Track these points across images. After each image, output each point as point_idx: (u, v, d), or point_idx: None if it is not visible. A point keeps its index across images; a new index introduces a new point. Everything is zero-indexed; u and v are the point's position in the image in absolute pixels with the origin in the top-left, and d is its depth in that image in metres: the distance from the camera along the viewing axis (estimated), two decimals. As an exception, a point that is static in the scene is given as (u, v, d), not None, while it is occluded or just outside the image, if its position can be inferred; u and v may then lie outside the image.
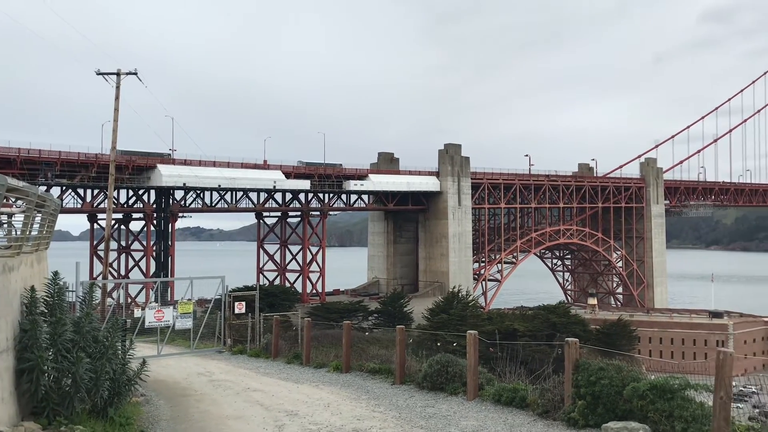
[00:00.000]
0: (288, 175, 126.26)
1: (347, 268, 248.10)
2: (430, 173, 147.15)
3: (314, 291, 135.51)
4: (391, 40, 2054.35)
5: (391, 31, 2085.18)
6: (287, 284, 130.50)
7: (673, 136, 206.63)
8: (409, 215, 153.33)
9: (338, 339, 29.51)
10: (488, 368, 21.40)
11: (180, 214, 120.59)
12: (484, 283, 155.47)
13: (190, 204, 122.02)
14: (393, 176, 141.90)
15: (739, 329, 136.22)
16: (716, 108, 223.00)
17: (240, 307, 40.19)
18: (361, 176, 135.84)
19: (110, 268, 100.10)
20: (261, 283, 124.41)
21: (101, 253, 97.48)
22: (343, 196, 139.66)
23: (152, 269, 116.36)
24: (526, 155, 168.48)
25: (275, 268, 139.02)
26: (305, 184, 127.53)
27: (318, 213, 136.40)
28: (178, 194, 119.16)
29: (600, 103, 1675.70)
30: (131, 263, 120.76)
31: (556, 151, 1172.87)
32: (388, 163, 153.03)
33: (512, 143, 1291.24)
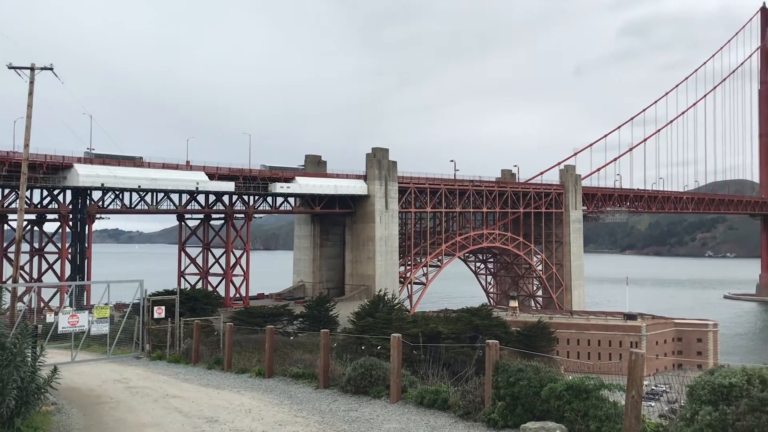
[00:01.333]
0: (212, 177, 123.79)
1: (272, 272, 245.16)
2: (357, 177, 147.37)
3: (238, 295, 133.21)
4: (322, 42, 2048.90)
5: (322, 34, 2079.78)
6: (210, 288, 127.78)
7: (591, 145, 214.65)
8: (336, 218, 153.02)
9: (261, 344, 29.08)
10: (412, 371, 21.52)
11: (97, 216, 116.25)
12: (409, 286, 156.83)
13: (108, 205, 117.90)
14: (320, 179, 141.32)
15: (651, 330, 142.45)
16: (632, 118, 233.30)
17: (159, 312, 39.03)
18: (287, 179, 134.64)
19: (21, 272, 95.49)
20: (182, 287, 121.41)
21: (12, 256, 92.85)
22: (269, 199, 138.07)
23: (67, 272, 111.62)
24: (452, 161, 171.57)
25: (197, 271, 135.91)
26: (229, 185, 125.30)
27: (242, 215, 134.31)
28: (96, 195, 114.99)
29: (523, 112, 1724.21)
30: (45, 266, 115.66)
31: (480, 157, 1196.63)
32: (315, 165, 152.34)
33: (439, 148, 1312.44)
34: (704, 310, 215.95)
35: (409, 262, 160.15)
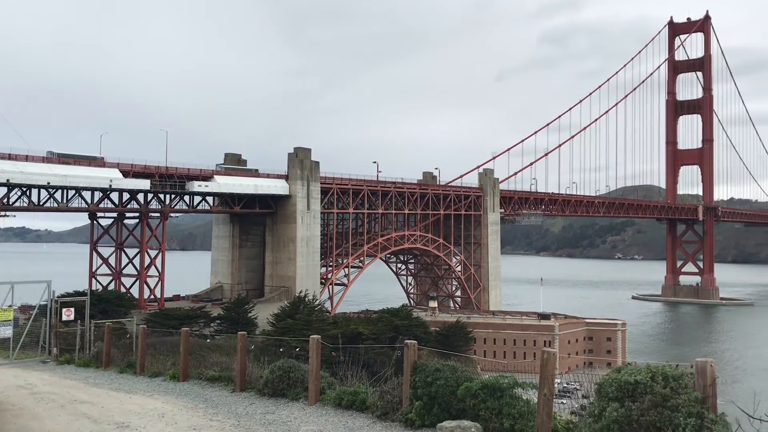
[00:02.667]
0: (126, 174, 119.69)
1: (189, 273, 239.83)
2: (279, 176, 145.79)
3: (152, 297, 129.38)
4: (247, 40, 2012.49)
5: (248, 32, 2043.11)
6: (123, 290, 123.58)
7: (509, 149, 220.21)
8: (256, 218, 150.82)
9: (177, 346, 28.31)
10: (331, 372, 21.45)
11: (2, 213, 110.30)
12: (331, 287, 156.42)
13: (14, 202, 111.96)
14: (240, 178, 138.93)
15: (564, 330, 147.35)
16: (547, 124, 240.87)
17: (68, 314, 37.30)
18: (205, 177, 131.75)
19: None
20: (93, 288, 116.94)
21: None
22: (186, 198, 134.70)
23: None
24: (375, 162, 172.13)
25: (110, 272, 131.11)
26: (144, 183, 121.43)
27: (158, 215, 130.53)
28: (1, 191, 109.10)
29: (445, 115, 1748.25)
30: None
31: (403, 159, 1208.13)
32: (235, 164, 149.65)
33: (362, 150, 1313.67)
34: (614, 309, 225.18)
35: (331, 263, 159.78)
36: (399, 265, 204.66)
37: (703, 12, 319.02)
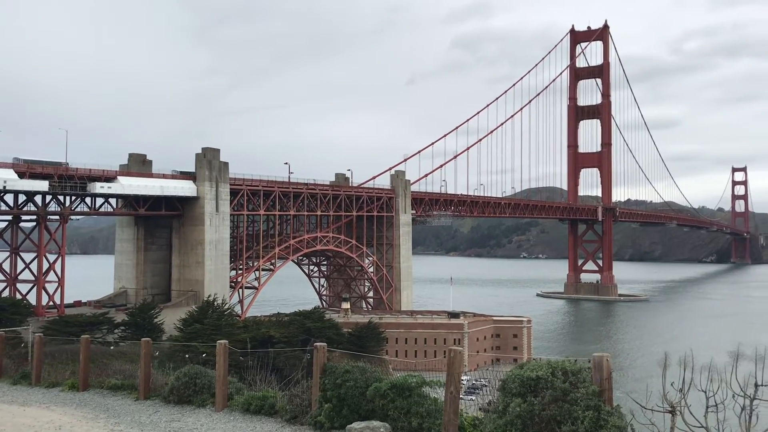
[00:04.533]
0: (22, 175, 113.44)
1: (91, 278, 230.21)
2: (186, 177, 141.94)
3: (51, 303, 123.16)
4: (156, 38, 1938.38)
5: (158, 30, 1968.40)
6: (18, 296, 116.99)
7: (419, 151, 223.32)
8: (162, 221, 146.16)
9: (77, 355, 27.02)
10: (239, 377, 21.08)
11: None
12: (241, 290, 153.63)
13: None
14: (145, 179, 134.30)
15: (472, 328, 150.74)
16: (456, 127, 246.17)
17: (-45, 324, 35.05)
18: (108, 178, 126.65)
19: None
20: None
21: None
22: (88, 199, 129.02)
23: None
24: (286, 163, 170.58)
25: (4, 278, 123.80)
26: (42, 185, 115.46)
27: (57, 217, 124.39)
28: None
29: (358, 117, 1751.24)
30: None
31: (316, 160, 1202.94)
32: (139, 165, 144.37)
33: (273, 151, 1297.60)
34: (520, 307, 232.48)
35: (241, 266, 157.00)
36: (311, 267, 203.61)
37: (603, 22, 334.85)
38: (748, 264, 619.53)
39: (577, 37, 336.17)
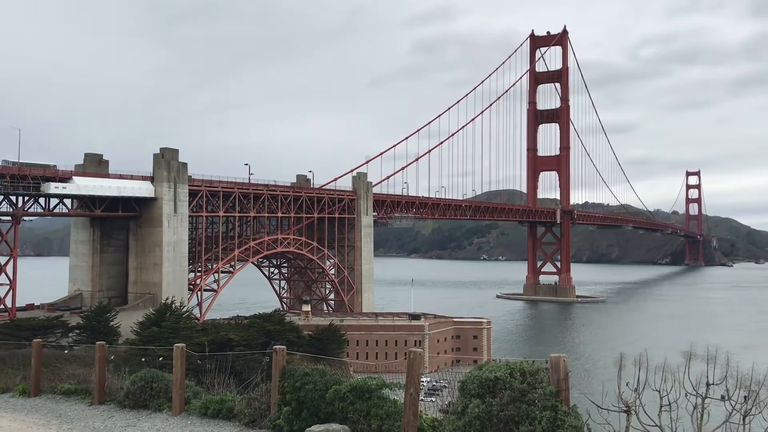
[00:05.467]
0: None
1: (45, 280, 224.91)
2: (144, 178, 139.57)
3: (2, 306, 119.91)
4: (114, 36, 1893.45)
5: (117, 27, 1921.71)
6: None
7: (381, 154, 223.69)
8: (119, 222, 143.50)
9: (29, 359, 26.28)
10: (197, 381, 20.77)
11: None
12: (199, 293, 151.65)
13: None
14: (102, 180, 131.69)
15: (433, 329, 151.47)
16: (418, 130, 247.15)
17: None
18: (63, 178, 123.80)
19: None
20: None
21: None
22: (41, 200, 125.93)
23: None
24: (246, 164, 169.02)
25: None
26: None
27: (9, 218, 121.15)
28: None
29: (320, 119, 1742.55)
30: None
31: (277, 162, 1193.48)
32: (95, 165, 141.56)
33: (235, 152, 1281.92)
34: (480, 308, 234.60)
35: (200, 269, 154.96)
36: (272, 270, 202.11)
37: (562, 27, 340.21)
38: (702, 266, 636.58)
39: (537, 42, 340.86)
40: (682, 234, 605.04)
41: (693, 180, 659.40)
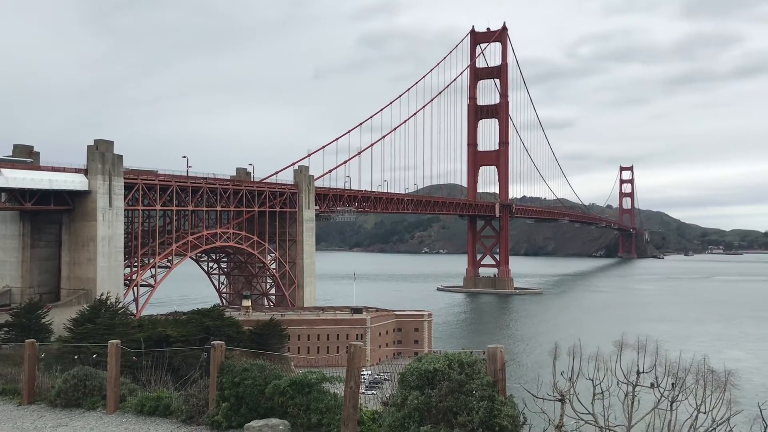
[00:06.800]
0: None
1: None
2: (77, 170, 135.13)
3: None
4: (48, 23, 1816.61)
5: (52, 15, 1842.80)
6: None
7: (323, 147, 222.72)
8: (51, 216, 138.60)
9: (-48, 359, 25.21)
10: (133, 378, 20.31)
11: None
12: (136, 288, 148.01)
13: None
14: (32, 172, 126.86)
15: (375, 323, 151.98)
16: (360, 124, 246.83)
17: None
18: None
19: None
20: None
21: None
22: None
23: None
24: (184, 157, 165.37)
25: None
26: None
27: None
28: None
29: (262, 111, 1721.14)
30: None
31: (217, 155, 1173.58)
32: (26, 156, 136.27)
33: (173, 144, 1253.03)
34: (422, 301, 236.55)
35: (136, 264, 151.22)
36: (211, 264, 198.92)
37: (503, 24, 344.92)
38: (634, 258, 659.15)
39: (477, 38, 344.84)
40: (615, 227, 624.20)
41: (626, 175, 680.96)
